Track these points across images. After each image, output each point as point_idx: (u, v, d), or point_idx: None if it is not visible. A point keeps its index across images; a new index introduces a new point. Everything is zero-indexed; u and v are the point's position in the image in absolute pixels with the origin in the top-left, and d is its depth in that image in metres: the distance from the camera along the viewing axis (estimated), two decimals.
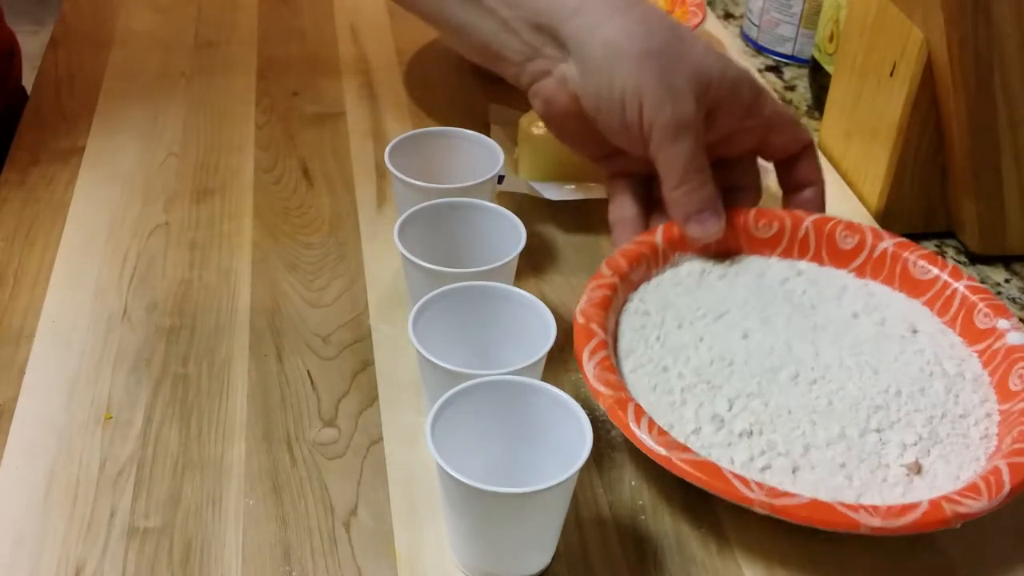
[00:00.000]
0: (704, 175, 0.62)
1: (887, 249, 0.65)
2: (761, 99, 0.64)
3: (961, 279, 0.62)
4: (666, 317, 0.61)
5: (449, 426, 0.50)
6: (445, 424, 0.49)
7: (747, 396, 0.56)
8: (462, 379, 0.51)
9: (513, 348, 0.57)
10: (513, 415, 0.52)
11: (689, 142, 0.61)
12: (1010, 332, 0.59)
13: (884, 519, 0.49)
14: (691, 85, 0.61)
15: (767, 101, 0.65)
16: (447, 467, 0.46)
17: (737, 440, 0.54)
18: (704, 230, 0.63)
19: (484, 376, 0.51)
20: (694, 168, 0.62)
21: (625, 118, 0.62)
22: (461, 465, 0.47)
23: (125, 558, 0.52)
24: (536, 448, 0.52)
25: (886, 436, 0.54)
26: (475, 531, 0.49)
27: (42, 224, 0.73)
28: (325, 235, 0.74)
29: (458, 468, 0.46)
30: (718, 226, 0.63)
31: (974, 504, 0.49)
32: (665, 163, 0.62)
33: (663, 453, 0.51)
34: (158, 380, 0.62)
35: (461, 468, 0.46)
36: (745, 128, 0.65)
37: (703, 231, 0.63)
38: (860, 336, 0.60)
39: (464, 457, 0.49)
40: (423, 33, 0.98)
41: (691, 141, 0.61)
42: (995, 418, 0.56)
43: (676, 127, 0.61)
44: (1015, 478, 0.50)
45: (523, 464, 0.52)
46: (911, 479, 0.53)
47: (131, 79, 0.90)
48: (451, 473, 0.46)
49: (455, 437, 0.50)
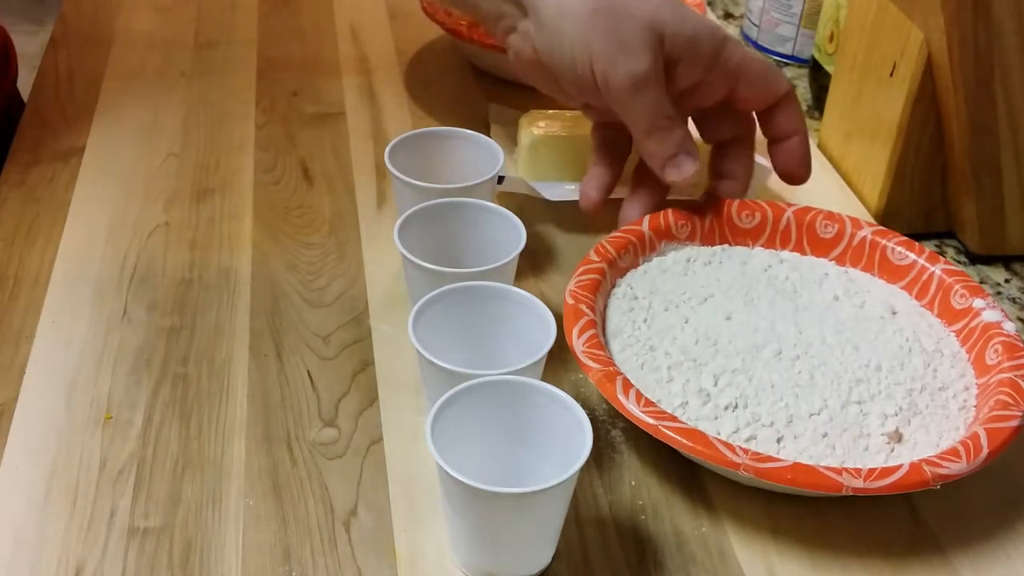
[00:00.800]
0: (671, 121, 0.63)
1: (866, 237, 0.67)
2: (726, 51, 0.64)
3: (937, 263, 0.64)
4: (653, 301, 0.63)
5: (449, 426, 0.50)
6: (445, 424, 0.49)
7: (732, 372, 0.57)
8: (462, 379, 0.51)
9: (513, 348, 0.57)
10: (513, 415, 0.52)
11: (649, 94, 0.62)
12: (986, 310, 0.61)
13: (866, 480, 0.50)
14: (644, 38, 0.61)
15: (734, 53, 0.64)
16: (447, 467, 0.46)
17: (723, 413, 0.55)
18: (680, 173, 0.64)
19: (484, 376, 0.51)
20: (660, 116, 0.63)
21: (577, 74, 0.63)
22: (461, 465, 0.47)
23: (125, 558, 0.52)
24: (536, 448, 0.52)
25: (867, 407, 0.56)
26: (475, 531, 0.49)
27: (42, 224, 0.73)
28: (325, 235, 0.74)
29: (458, 468, 0.46)
30: (694, 166, 0.64)
31: (953, 466, 0.51)
32: (630, 117, 0.63)
33: (651, 422, 0.53)
34: (158, 380, 0.62)
35: (461, 468, 0.46)
36: (712, 80, 0.65)
37: (679, 174, 0.64)
38: (841, 316, 0.62)
39: (464, 457, 0.49)
40: (423, 33, 0.98)
41: (651, 93, 0.62)
42: (973, 391, 0.58)
43: (632, 82, 0.61)
44: (993, 442, 0.52)
45: (523, 464, 0.53)
46: (892, 447, 0.55)
47: (131, 79, 0.90)
48: (451, 473, 0.46)
49: (455, 437, 0.50)
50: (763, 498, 0.56)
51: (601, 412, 0.61)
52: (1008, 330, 0.59)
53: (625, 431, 0.59)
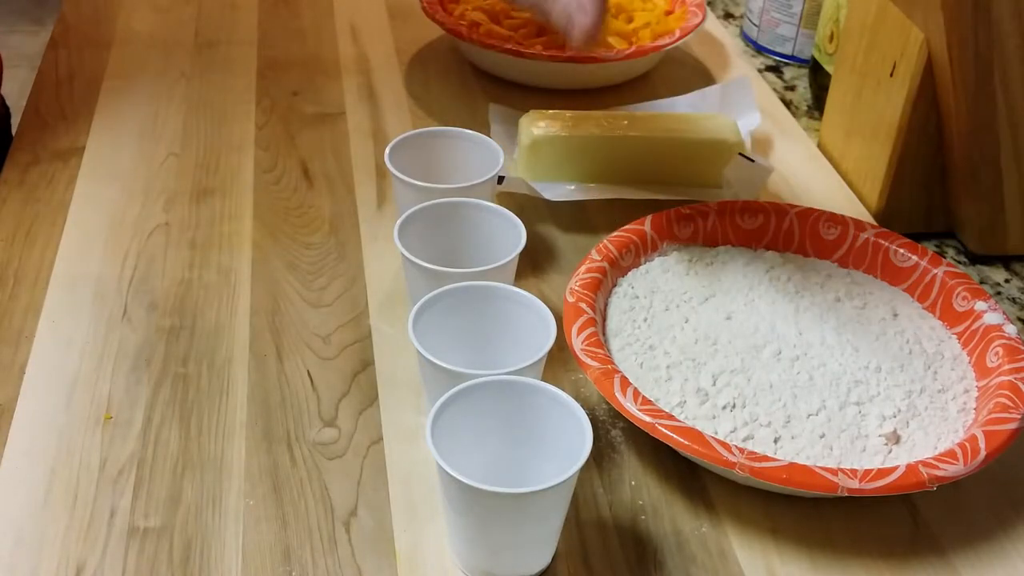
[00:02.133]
0: None
1: (868, 239, 0.67)
2: None
3: (940, 265, 0.64)
4: (654, 300, 0.63)
5: (449, 426, 0.50)
6: (445, 424, 0.49)
7: (731, 372, 0.58)
8: (462, 379, 0.51)
9: (513, 348, 0.57)
10: (513, 415, 0.52)
11: None
12: (988, 313, 0.61)
13: (862, 481, 0.50)
14: None
15: None
16: (447, 467, 0.46)
17: (721, 412, 0.56)
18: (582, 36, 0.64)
19: (484, 376, 0.51)
20: None
21: None
22: (461, 465, 0.47)
23: (125, 558, 0.52)
24: (536, 448, 0.52)
25: (865, 409, 0.56)
26: (475, 531, 0.49)
27: (42, 224, 0.73)
28: (325, 235, 0.74)
29: (458, 468, 0.46)
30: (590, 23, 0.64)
31: (950, 468, 0.51)
32: None
33: (648, 420, 0.53)
34: (158, 380, 0.62)
35: (461, 468, 0.46)
36: None
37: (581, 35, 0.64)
38: (842, 318, 0.62)
39: (464, 457, 0.49)
40: (423, 33, 0.98)
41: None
42: (973, 394, 0.58)
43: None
44: (991, 445, 0.52)
45: (523, 464, 0.52)
46: (889, 449, 0.55)
47: (131, 79, 0.90)
48: (451, 473, 0.46)
49: (455, 437, 0.50)
50: (763, 499, 0.56)
51: (601, 412, 0.61)
52: (1009, 333, 0.59)
53: (625, 431, 0.59)
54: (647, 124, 0.78)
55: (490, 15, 0.91)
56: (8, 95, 0.97)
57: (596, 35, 0.65)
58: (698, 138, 0.76)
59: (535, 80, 0.89)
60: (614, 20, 0.91)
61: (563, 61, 0.85)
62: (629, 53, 0.87)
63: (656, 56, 0.91)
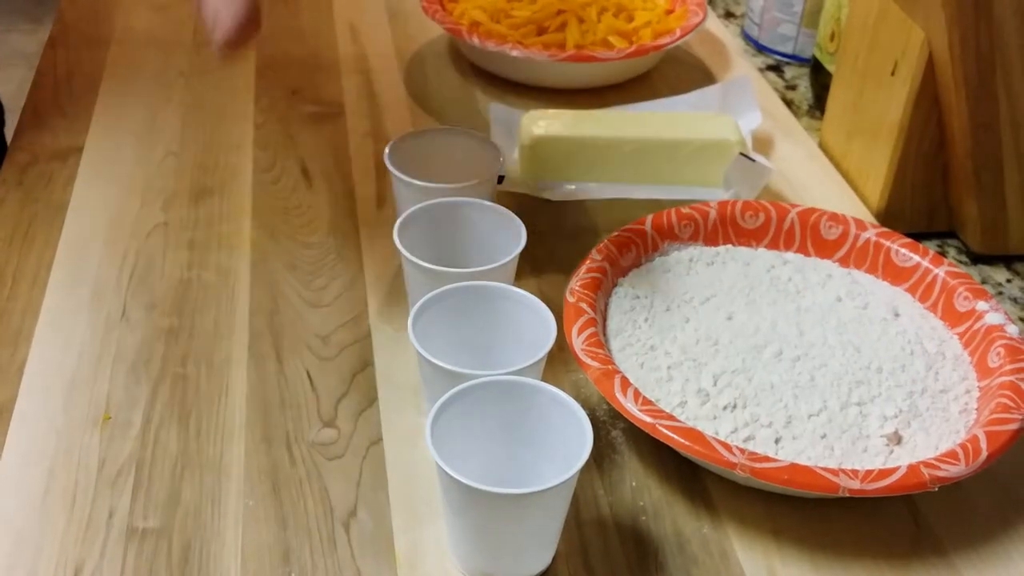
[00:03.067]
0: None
1: (870, 239, 0.67)
2: None
3: (941, 265, 0.64)
4: (654, 300, 0.63)
5: (449, 426, 0.49)
6: (445, 424, 0.49)
7: (731, 372, 0.57)
8: (462, 379, 0.51)
9: (513, 348, 0.57)
10: (513, 415, 0.52)
11: None
12: (989, 312, 0.61)
13: (863, 482, 0.50)
14: None
15: None
16: (447, 467, 0.46)
17: (721, 413, 0.56)
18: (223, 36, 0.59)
19: (484, 376, 0.51)
20: None
21: None
22: (461, 465, 0.47)
23: (124, 559, 0.52)
24: (536, 448, 0.52)
25: (867, 409, 0.56)
26: (475, 532, 0.49)
27: (40, 224, 0.73)
28: (325, 235, 0.73)
29: (458, 468, 0.46)
30: None
31: (952, 469, 0.51)
32: None
33: (648, 421, 0.53)
34: (157, 380, 0.61)
35: (461, 468, 0.46)
36: None
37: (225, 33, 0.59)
38: (843, 318, 0.62)
39: (464, 457, 0.49)
40: (423, 32, 0.98)
41: None
42: (975, 394, 0.58)
43: None
44: (992, 445, 0.52)
45: (523, 464, 0.52)
46: (891, 449, 0.55)
47: (130, 78, 0.90)
48: (451, 474, 0.46)
49: (455, 437, 0.49)
50: (764, 499, 0.56)
51: (602, 412, 0.60)
52: (1011, 333, 0.59)
53: (626, 432, 0.59)
54: (648, 124, 0.78)
55: (490, 14, 0.91)
56: (6, 94, 0.97)
57: (241, 38, 0.59)
58: (699, 138, 0.76)
59: (535, 80, 0.89)
60: (614, 19, 0.91)
61: (563, 61, 0.85)
62: (629, 52, 0.87)
63: (657, 55, 0.90)
